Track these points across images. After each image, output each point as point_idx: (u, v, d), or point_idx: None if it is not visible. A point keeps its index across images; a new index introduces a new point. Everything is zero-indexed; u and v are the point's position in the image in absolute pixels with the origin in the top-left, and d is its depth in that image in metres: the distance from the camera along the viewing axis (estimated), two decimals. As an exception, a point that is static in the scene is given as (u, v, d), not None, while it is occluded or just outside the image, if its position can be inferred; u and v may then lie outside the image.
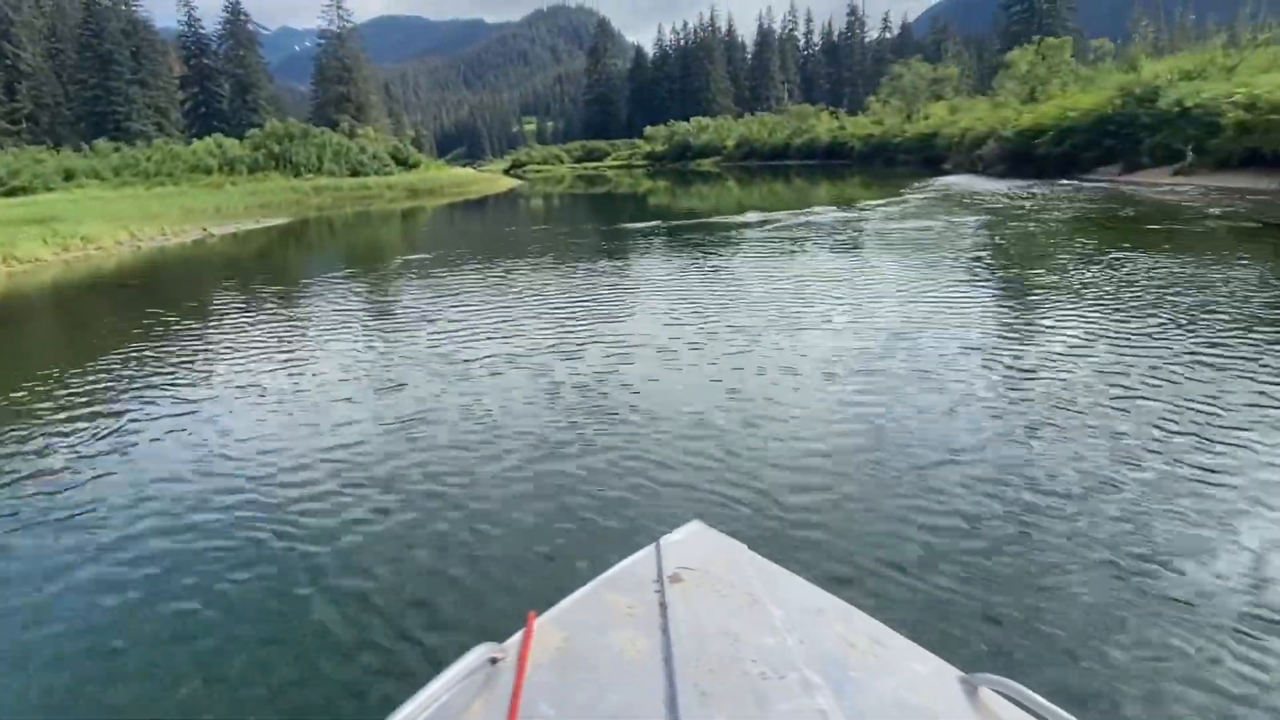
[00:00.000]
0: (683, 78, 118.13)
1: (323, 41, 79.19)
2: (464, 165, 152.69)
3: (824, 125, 62.96)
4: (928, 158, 40.79)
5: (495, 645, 1.24)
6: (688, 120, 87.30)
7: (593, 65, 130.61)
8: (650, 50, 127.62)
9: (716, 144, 78.83)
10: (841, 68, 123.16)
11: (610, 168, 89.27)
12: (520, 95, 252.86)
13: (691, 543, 1.60)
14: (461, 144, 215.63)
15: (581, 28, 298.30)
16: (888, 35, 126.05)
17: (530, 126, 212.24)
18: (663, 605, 1.34)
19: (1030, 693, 1.11)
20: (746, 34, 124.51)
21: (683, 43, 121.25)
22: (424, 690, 1.08)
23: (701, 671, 1.16)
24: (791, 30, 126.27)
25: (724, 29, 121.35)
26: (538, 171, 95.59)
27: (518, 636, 1.27)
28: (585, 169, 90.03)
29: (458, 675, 1.14)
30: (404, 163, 56.08)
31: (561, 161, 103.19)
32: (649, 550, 1.55)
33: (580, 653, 1.23)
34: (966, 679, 1.20)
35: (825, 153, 58.82)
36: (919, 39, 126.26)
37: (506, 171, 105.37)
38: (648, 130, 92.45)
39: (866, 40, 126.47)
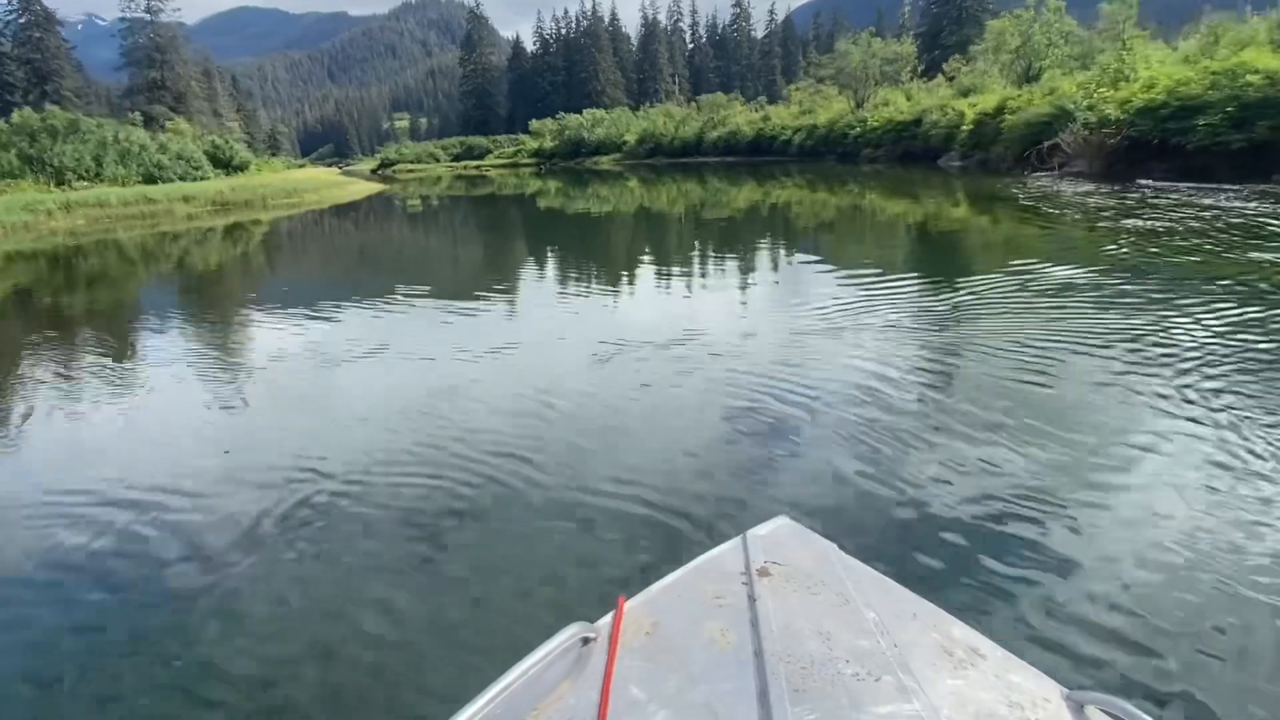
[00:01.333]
0: (567, 69, 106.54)
1: (126, 19, 61.94)
2: (330, 165, 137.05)
3: (743, 116, 53.16)
4: (907, 152, 31.50)
5: (587, 625, 1.20)
6: (579, 113, 75.68)
7: (467, 57, 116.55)
8: (530, 41, 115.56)
9: (614, 139, 67.83)
10: (730, 61, 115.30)
11: (493, 166, 76.95)
12: (390, 90, 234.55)
13: (779, 537, 1.51)
14: (328, 142, 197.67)
15: (452, 20, 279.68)
16: (774, 28, 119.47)
17: (403, 123, 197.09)
18: (751, 598, 1.29)
19: (1140, 714, 1.03)
20: (629, 26, 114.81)
21: (565, 32, 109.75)
22: (519, 665, 1.06)
23: (794, 668, 1.11)
24: (677, 22, 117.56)
25: (607, 18, 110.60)
26: (410, 172, 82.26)
27: (608, 618, 1.23)
28: (465, 168, 77.16)
29: (551, 652, 1.11)
30: (226, 164, 42.22)
31: (437, 160, 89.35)
32: (735, 542, 1.47)
33: (670, 639, 1.19)
34: (1071, 696, 1.12)
35: (750, 148, 49.04)
36: (801, 34, 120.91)
37: (374, 171, 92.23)
38: (534, 124, 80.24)
39: (753, 34, 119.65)
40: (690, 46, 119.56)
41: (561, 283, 10.69)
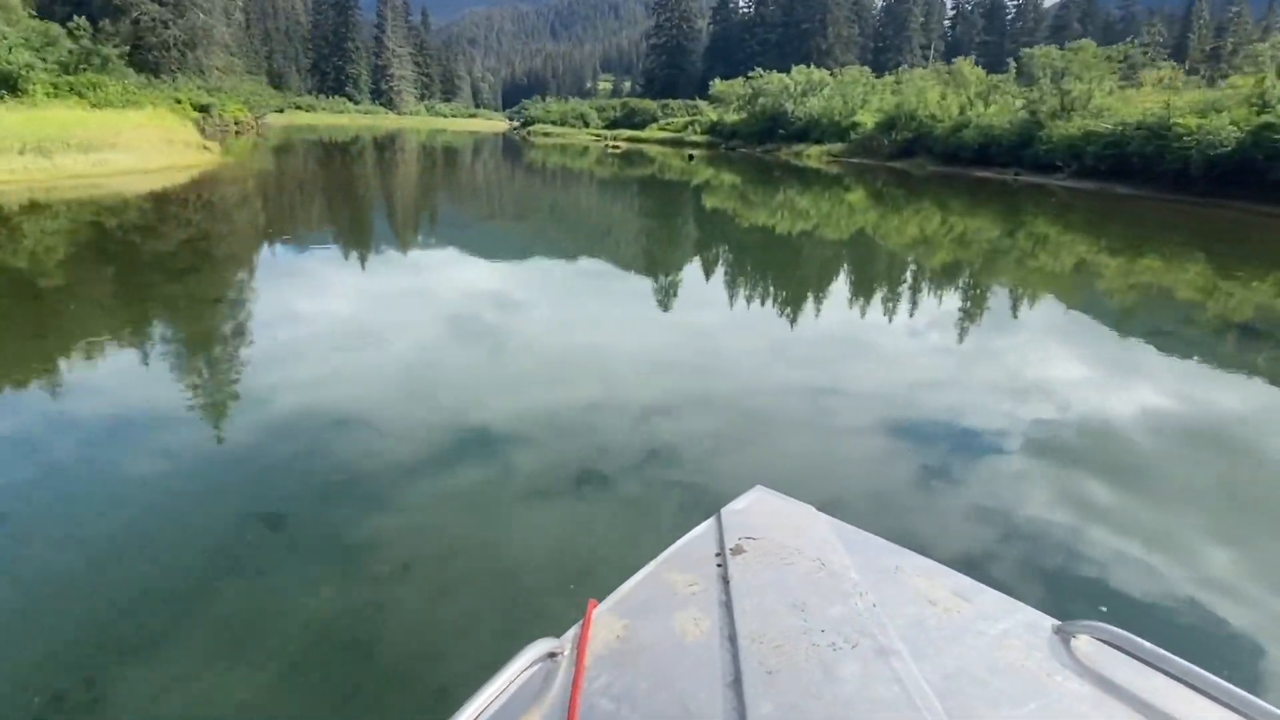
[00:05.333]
0: (785, 25, 75.64)
1: None
2: (510, 118, 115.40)
3: (1153, 98, 21.61)
4: None
5: (552, 640, 1.08)
6: (786, 73, 45.70)
7: (662, 3, 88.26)
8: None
9: (836, 119, 37.80)
10: (1004, 36, 78.98)
11: (654, 140, 49.64)
12: (603, 50, 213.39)
13: (754, 510, 1.40)
14: (532, 94, 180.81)
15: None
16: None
17: (606, 84, 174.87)
18: (725, 580, 1.18)
19: (1133, 637, 0.99)
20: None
21: (792, -22, 78.64)
22: (481, 692, 0.94)
23: (767, 649, 1.02)
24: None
25: (848, -35, 77.92)
26: (547, 135, 56.85)
27: (576, 628, 1.11)
28: (615, 139, 50.30)
29: (514, 674, 1.00)
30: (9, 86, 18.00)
31: (587, 124, 63.07)
32: (710, 523, 1.36)
33: (641, 640, 1.07)
34: (1062, 628, 1.06)
35: (1220, 173, 17.97)
36: (1105, 12, 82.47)
37: (513, 129, 68.55)
38: (716, 86, 51.30)
39: (1040, 3, 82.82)
40: (952, 12, 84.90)
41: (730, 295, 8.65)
